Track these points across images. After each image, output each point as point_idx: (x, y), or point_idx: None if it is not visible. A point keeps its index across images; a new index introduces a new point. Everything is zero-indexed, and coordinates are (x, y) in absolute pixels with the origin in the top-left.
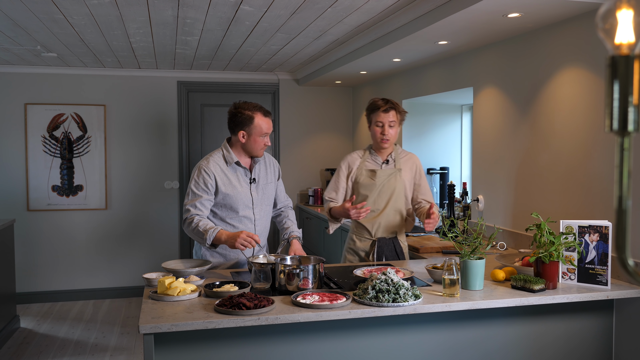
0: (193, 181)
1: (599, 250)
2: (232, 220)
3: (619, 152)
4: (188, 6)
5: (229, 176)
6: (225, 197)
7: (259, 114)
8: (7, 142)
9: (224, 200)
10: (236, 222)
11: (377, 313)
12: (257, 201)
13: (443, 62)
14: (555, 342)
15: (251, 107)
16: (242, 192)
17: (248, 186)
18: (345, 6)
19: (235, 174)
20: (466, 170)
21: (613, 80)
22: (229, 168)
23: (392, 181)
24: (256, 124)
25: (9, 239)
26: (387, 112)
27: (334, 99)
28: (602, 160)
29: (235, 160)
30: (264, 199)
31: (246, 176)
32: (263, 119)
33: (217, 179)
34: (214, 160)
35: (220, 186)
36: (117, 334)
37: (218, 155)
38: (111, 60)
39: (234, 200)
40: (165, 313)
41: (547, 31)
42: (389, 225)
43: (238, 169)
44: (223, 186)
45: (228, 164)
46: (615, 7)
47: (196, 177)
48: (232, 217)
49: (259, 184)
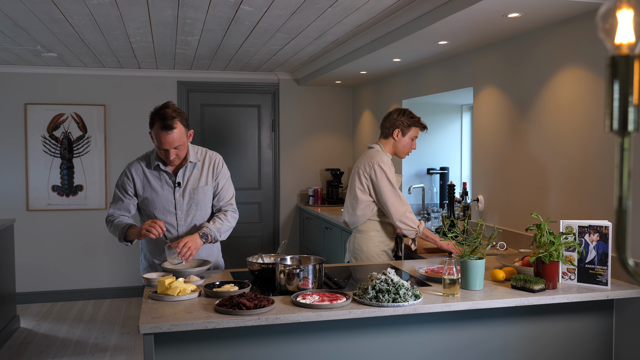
0: (117, 183)
1: (599, 250)
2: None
3: (619, 152)
4: (188, 6)
5: (150, 179)
6: (144, 201)
7: (157, 124)
8: (7, 142)
9: (143, 204)
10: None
11: (377, 313)
12: (181, 206)
13: (443, 62)
14: (555, 342)
15: (157, 114)
16: (162, 195)
17: (171, 190)
18: (345, 6)
19: (158, 177)
20: (466, 170)
21: (613, 80)
22: (152, 170)
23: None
24: (154, 132)
25: (9, 239)
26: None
27: (334, 99)
28: (602, 160)
29: (156, 163)
30: (193, 204)
31: (170, 179)
32: (159, 131)
33: (137, 182)
34: (138, 162)
35: (139, 189)
36: (117, 334)
37: (145, 156)
38: (111, 60)
39: (152, 205)
40: (165, 313)
41: (547, 31)
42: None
43: (161, 172)
44: (142, 189)
45: (151, 166)
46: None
47: (118, 180)
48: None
49: (186, 188)
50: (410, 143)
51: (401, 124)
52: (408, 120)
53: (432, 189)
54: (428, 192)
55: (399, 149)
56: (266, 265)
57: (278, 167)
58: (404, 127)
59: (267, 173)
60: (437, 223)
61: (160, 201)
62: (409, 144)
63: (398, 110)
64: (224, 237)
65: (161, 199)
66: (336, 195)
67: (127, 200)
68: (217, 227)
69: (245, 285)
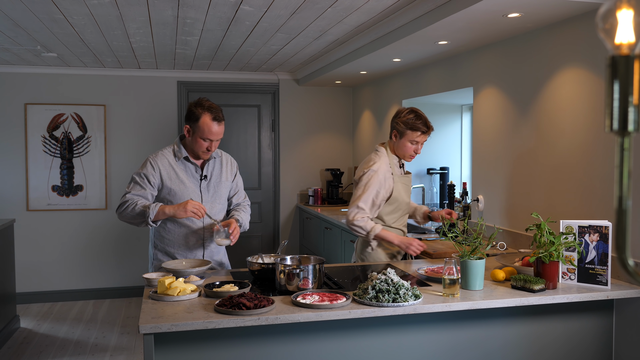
0: (137, 172)
1: (599, 250)
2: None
3: (619, 152)
4: (188, 6)
5: (177, 171)
6: (170, 192)
7: (206, 115)
8: (7, 142)
9: (169, 195)
10: (184, 219)
11: (377, 313)
12: (206, 199)
13: (443, 62)
14: (555, 342)
15: (203, 107)
16: (189, 188)
17: (198, 183)
18: (345, 6)
19: (185, 170)
20: (466, 170)
21: (613, 80)
22: (178, 163)
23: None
24: (200, 123)
25: (9, 239)
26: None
27: (334, 99)
28: (602, 160)
29: (185, 155)
30: (216, 197)
31: (197, 172)
32: (209, 122)
33: (163, 173)
34: (162, 153)
35: (166, 180)
36: (117, 334)
37: (169, 149)
38: (111, 60)
39: (179, 196)
40: (165, 313)
41: (547, 31)
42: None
43: (187, 164)
44: (168, 180)
45: (177, 158)
46: (615, 7)
47: (140, 168)
48: None
49: (210, 181)
50: (410, 147)
51: (397, 125)
52: (404, 122)
53: (432, 189)
54: (428, 192)
55: (399, 151)
56: (266, 265)
57: (278, 167)
58: (399, 130)
59: (267, 173)
60: (437, 223)
61: (187, 192)
62: (409, 147)
63: (401, 111)
64: (247, 228)
65: (188, 190)
66: (336, 195)
67: (148, 189)
68: (245, 217)
69: (245, 285)
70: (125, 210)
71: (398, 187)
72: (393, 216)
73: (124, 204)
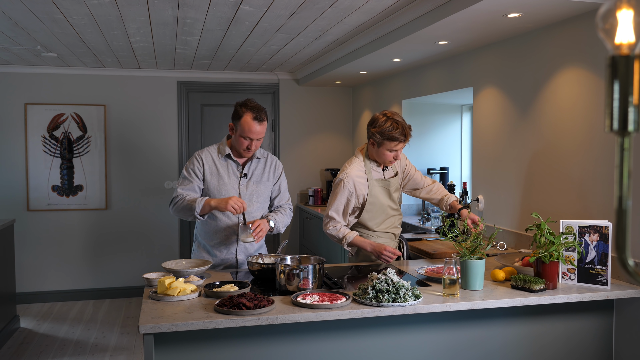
0: (185, 167)
1: (599, 250)
2: (217, 212)
3: (619, 152)
4: (188, 6)
5: (218, 167)
6: (209, 187)
7: (248, 114)
8: (7, 142)
9: (208, 190)
10: (221, 214)
11: (377, 313)
12: (245, 196)
13: (443, 62)
14: (555, 342)
15: (247, 106)
16: (228, 184)
17: (237, 180)
18: (345, 6)
19: (226, 166)
20: (466, 170)
21: (613, 80)
22: (221, 159)
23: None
24: (242, 122)
25: (9, 239)
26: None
27: (334, 99)
28: (602, 160)
29: (227, 152)
30: (254, 196)
31: (237, 170)
32: (250, 121)
33: (206, 168)
34: (208, 150)
35: (207, 175)
36: (117, 334)
37: (214, 146)
38: (111, 60)
39: (218, 191)
40: (165, 313)
41: (547, 31)
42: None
43: (230, 161)
44: (209, 175)
45: (221, 155)
46: (615, 7)
47: (188, 163)
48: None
49: (250, 180)
50: (389, 154)
51: (373, 136)
52: (380, 133)
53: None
54: None
55: (378, 158)
56: (266, 265)
57: None
58: (376, 140)
59: None
60: (437, 223)
61: (226, 189)
62: (388, 155)
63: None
64: (282, 230)
65: (227, 186)
66: None
67: (196, 182)
68: (280, 219)
69: (245, 285)
70: (176, 205)
71: (375, 192)
72: (375, 221)
73: (175, 199)
